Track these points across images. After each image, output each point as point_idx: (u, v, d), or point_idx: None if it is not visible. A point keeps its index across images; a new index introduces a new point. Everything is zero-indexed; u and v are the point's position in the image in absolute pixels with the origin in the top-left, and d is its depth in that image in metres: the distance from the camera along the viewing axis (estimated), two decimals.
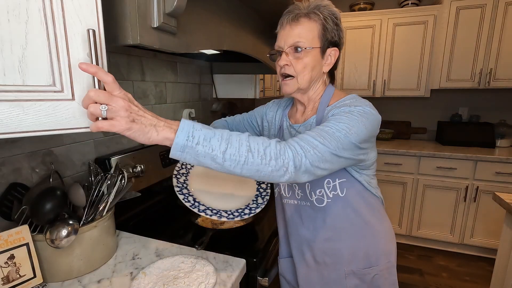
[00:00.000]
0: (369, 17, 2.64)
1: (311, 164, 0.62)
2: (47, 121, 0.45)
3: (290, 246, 0.92)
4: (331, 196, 0.80)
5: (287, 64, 0.77)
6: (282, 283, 1.03)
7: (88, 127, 0.50)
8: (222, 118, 1.10)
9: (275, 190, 0.94)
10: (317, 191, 0.81)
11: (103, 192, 0.88)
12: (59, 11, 0.44)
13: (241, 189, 0.80)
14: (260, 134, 1.01)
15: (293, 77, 0.78)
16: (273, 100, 1.03)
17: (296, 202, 0.87)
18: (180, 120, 0.57)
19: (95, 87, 0.49)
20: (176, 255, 0.88)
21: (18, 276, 0.69)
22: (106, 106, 0.49)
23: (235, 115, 1.09)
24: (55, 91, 0.46)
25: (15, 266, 0.69)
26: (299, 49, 0.76)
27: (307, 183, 0.81)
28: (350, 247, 0.83)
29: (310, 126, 0.81)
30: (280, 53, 0.79)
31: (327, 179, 0.79)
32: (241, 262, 0.86)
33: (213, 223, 1.05)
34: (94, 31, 0.47)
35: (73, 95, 0.48)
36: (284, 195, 0.89)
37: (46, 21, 0.43)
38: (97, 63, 0.49)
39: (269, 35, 1.51)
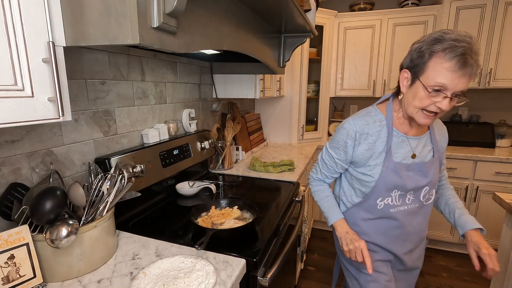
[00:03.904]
0: (369, 17, 2.64)
1: None
2: (13, 114, 0.54)
3: (394, 245, 1.08)
4: (435, 193, 1.10)
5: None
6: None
7: (45, 119, 0.60)
8: (325, 187, 1.19)
9: (378, 202, 1.03)
10: (429, 193, 1.04)
11: (103, 192, 0.88)
12: (19, 27, 0.54)
13: None
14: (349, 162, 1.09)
15: (438, 113, 0.87)
16: (354, 132, 1.01)
17: (405, 207, 1.03)
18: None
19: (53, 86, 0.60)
20: (176, 255, 0.88)
21: (18, 276, 0.69)
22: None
23: (317, 173, 1.19)
24: (18, 90, 0.55)
25: (15, 266, 0.69)
26: (459, 96, 0.84)
27: (425, 187, 1.02)
28: (427, 221, 1.12)
29: (428, 139, 1.03)
30: (437, 91, 0.83)
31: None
32: (241, 262, 0.86)
33: (213, 223, 1.05)
34: (53, 43, 0.57)
35: (32, 93, 0.57)
36: (394, 203, 1.03)
37: (7, 33, 0.53)
38: (56, 68, 0.58)
39: (269, 35, 1.50)
